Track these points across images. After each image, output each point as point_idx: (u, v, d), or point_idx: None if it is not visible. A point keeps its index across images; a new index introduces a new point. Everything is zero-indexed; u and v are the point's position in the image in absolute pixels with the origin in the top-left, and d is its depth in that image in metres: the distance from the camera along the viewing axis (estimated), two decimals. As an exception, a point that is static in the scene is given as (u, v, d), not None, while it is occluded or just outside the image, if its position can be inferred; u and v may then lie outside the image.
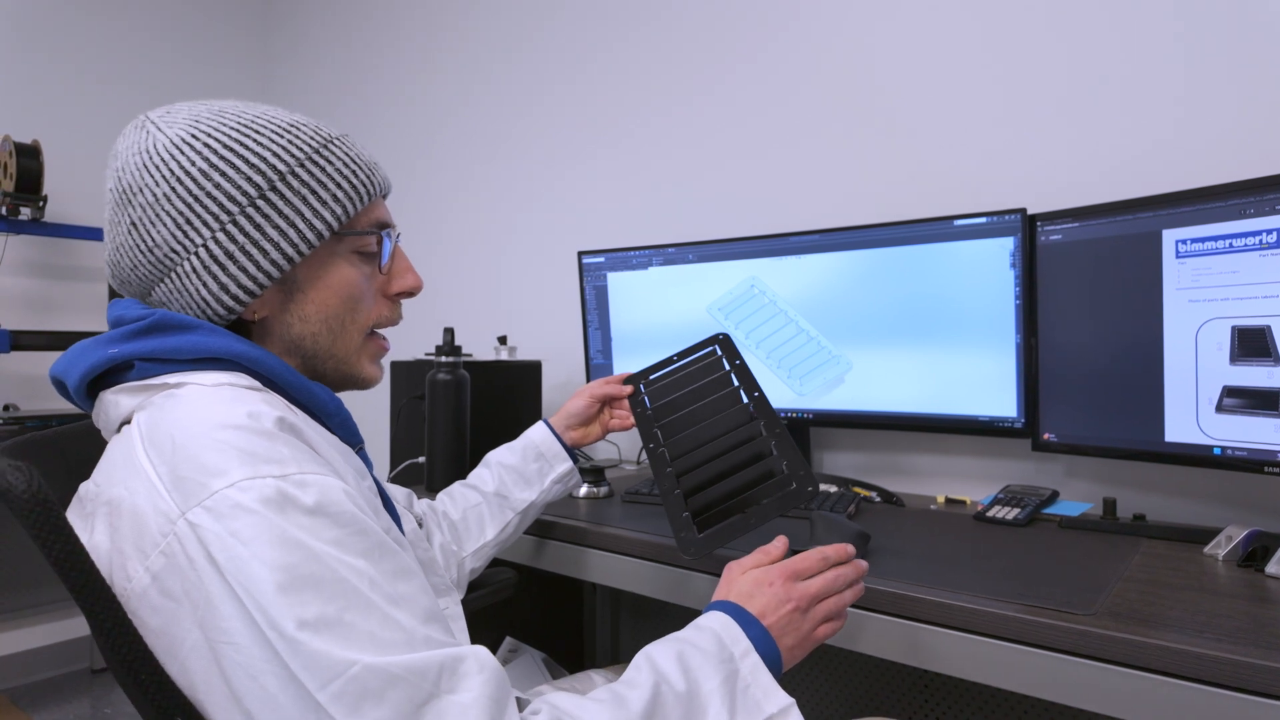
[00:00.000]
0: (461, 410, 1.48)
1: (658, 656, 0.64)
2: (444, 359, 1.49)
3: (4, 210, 2.28)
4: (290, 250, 0.66)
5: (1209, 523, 1.14)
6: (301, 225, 0.67)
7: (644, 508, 1.31)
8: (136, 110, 0.70)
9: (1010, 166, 1.43)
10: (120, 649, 0.53)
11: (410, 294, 0.77)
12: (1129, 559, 1.00)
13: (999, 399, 1.29)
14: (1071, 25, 1.36)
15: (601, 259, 1.74)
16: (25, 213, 2.31)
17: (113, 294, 2.51)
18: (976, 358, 1.31)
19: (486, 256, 2.35)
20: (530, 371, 1.83)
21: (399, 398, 1.77)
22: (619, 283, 1.72)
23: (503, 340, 1.88)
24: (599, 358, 1.78)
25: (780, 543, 0.79)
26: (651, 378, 1.17)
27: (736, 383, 1.06)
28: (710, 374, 1.10)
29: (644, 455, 1.85)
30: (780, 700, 0.64)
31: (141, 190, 0.65)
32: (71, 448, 0.77)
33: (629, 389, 1.16)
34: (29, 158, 2.28)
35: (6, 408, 2.37)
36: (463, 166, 2.41)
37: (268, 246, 0.66)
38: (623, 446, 1.92)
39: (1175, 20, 1.27)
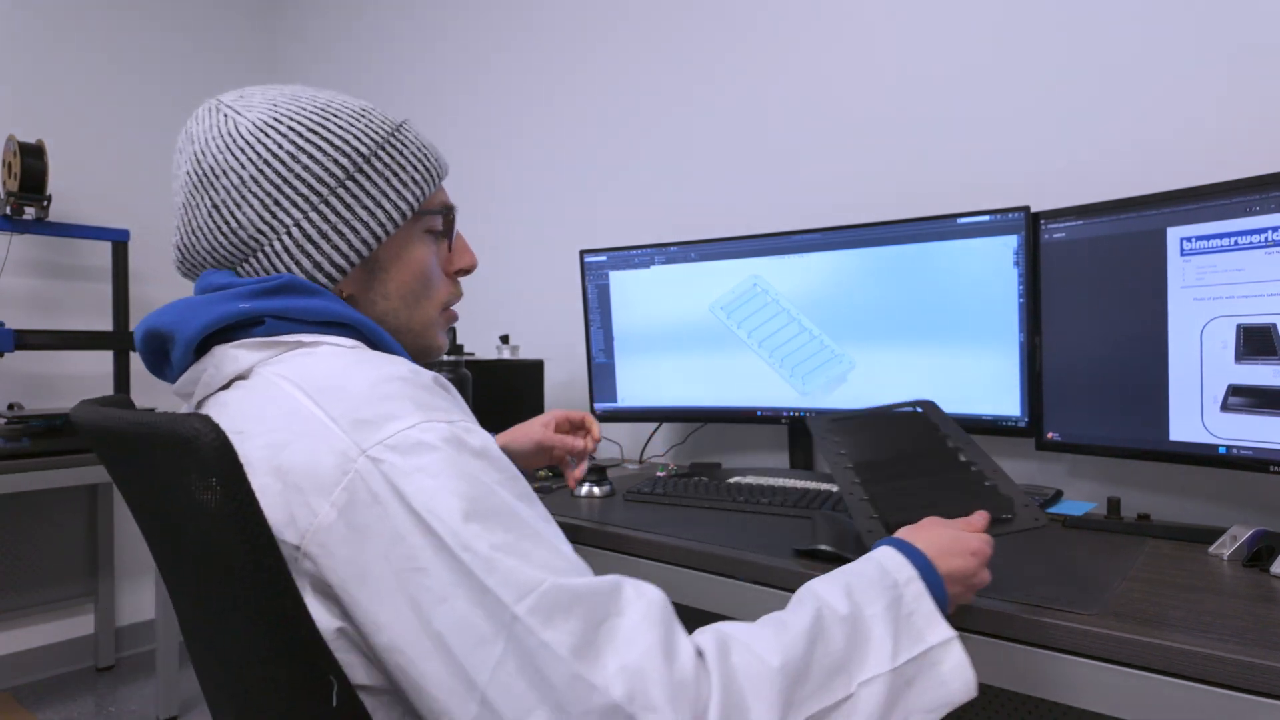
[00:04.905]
0: (463, 409, 1.48)
1: (819, 585, 0.64)
2: (446, 358, 1.49)
3: (9, 210, 2.29)
4: (378, 229, 0.70)
5: (1214, 522, 1.13)
6: (387, 206, 0.70)
7: (646, 506, 1.31)
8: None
9: (1014, 164, 1.42)
10: (281, 608, 0.54)
11: (469, 271, 0.81)
12: (1133, 559, 0.99)
13: (1002, 398, 1.29)
14: (1075, 22, 1.36)
15: (603, 258, 1.73)
16: (30, 212, 2.31)
17: (117, 292, 2.52)
18: (980, 356, 1.30)
19: (488, 255, 2.33)
20: (532, 370, 1.83)
21: (401, 397, 1.77)
22: (621, 281, 1.71)
23: (505, 339, 1.88)
24: (601, 356, 1.77)
25: (980, 517, 0.80)
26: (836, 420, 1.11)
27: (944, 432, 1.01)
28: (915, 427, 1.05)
29: (646, 453, 1.85)
30: (943, 631, 0.63)
31: (226, 173, 0.67)
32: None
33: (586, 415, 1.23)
34: (34, 157, 2.28)
35: (11, 406, 2.37)
36: (464, 165, 2.41)
37: (358, 226, 0.69)
38: (625, 445, 1.92)
39: (1179, 17, 1.26)
